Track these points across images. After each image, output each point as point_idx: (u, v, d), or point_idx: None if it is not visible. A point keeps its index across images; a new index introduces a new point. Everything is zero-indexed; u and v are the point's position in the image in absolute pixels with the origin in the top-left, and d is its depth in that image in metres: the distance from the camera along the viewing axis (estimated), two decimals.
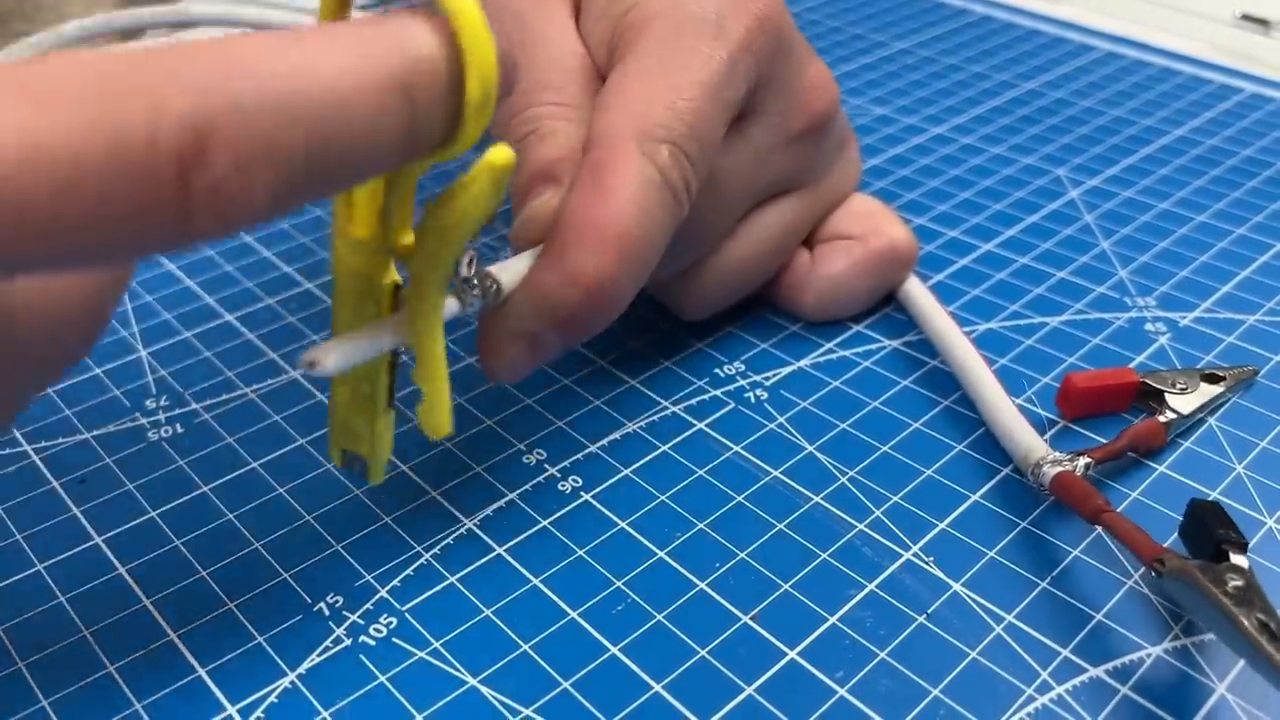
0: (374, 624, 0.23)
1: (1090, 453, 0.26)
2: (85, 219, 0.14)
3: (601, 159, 0.25)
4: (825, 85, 0.30)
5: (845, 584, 0.24)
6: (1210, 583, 0.20)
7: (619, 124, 0.25)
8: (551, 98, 0.27)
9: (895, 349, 0.31)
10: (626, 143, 0.25)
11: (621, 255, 0.24)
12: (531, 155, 0.26)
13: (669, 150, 0.25)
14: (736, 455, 0.28)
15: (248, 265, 0.35)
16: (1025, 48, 0.50)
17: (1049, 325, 0.32)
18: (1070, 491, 0.24)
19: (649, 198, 0.24)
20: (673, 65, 0.26)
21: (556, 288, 0.24)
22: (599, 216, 0.24)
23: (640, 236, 0.24)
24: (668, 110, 0.25)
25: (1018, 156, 0.41)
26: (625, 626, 0.23)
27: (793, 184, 0.31)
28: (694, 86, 0.26)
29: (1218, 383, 0.29)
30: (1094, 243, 0.36)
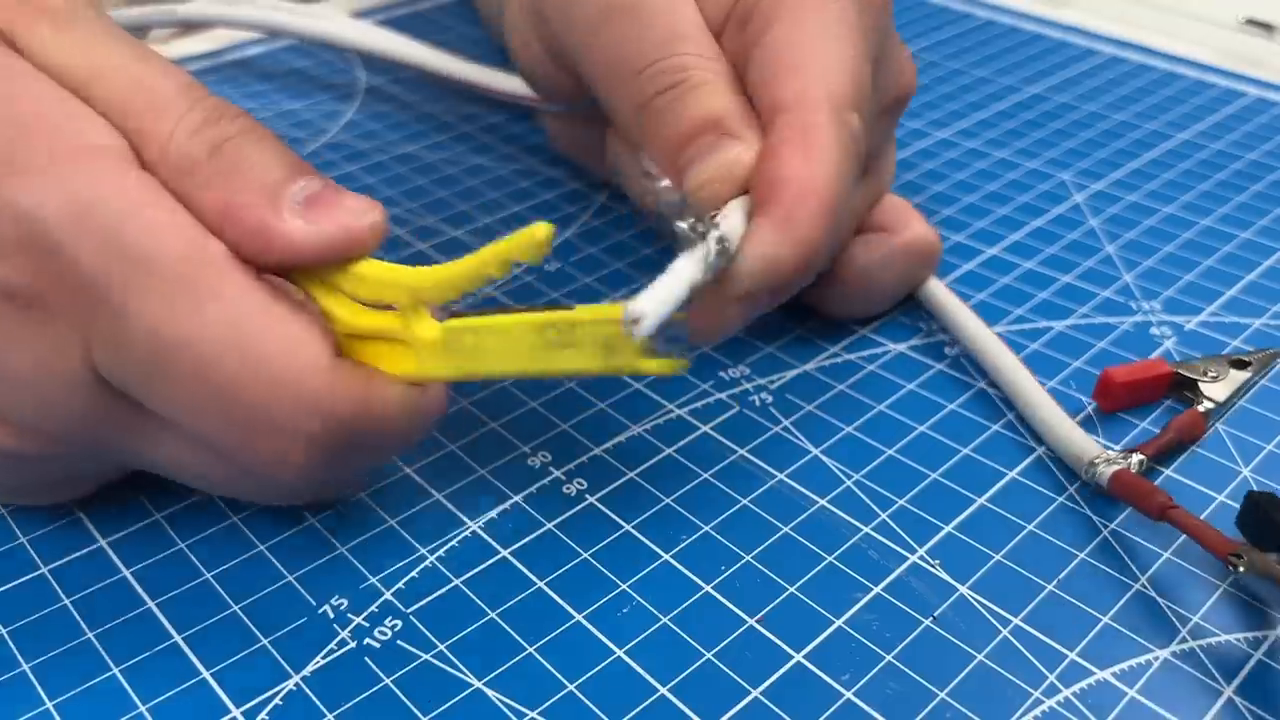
0: (379, 627, 0.23)
1: (1142, 449, 0.26)
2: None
3: (805, 123, 0.25)
4: (910, 66, 0.31)
5: (851, 587, 0.24)
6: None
7: (809, 87, 0.25)
8: (691, 48, 0.27)
9: (901, 353, 0.31)
10: (824, 106, 0.25)
11: (833, 219, 0.24)
12: (689, 105, 0.26)
13: (858, 119, 0.25)
14: (741, 459, 0.28)
15: None
16: (1029, 52, 0.50)
17: (1054, 329, 0.32)
18: (1132, 490, 0.24)
19: (849, 164, 0.25)
20: (838, 28, 0.26)
21: (785, 251, 0.24)
22: (816, 180, 0.24)
23: (844, 200, 0.25)
24: (851, 77, 0.26)
25: (1022, 161, 0.41)
26: (630, 629, 0.23)
27: (869, 162, 0.30)
28: (858, 57, 0.26)
29: (1245, 368, 0.29)
30: (1099, 247, 0.36)
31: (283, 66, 0.48)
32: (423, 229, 0.37)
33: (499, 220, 0.37)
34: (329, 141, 0.42)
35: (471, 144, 0.42)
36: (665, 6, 0.27)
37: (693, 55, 0.26)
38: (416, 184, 0.40)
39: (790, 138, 0.25)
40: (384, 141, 0.42)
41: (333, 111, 0.45)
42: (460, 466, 0.27)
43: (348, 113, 0.45)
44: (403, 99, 0.46)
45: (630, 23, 0.27)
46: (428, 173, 0.40)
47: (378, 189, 0.39)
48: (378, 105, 0.45)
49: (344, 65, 0.49)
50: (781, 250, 0.24)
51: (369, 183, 0.40)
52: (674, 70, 0.26)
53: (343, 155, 0.41)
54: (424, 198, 0.39)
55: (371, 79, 0.47)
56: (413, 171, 0.40)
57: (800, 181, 0.24)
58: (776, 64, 0.26)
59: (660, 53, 0.26)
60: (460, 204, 0.38)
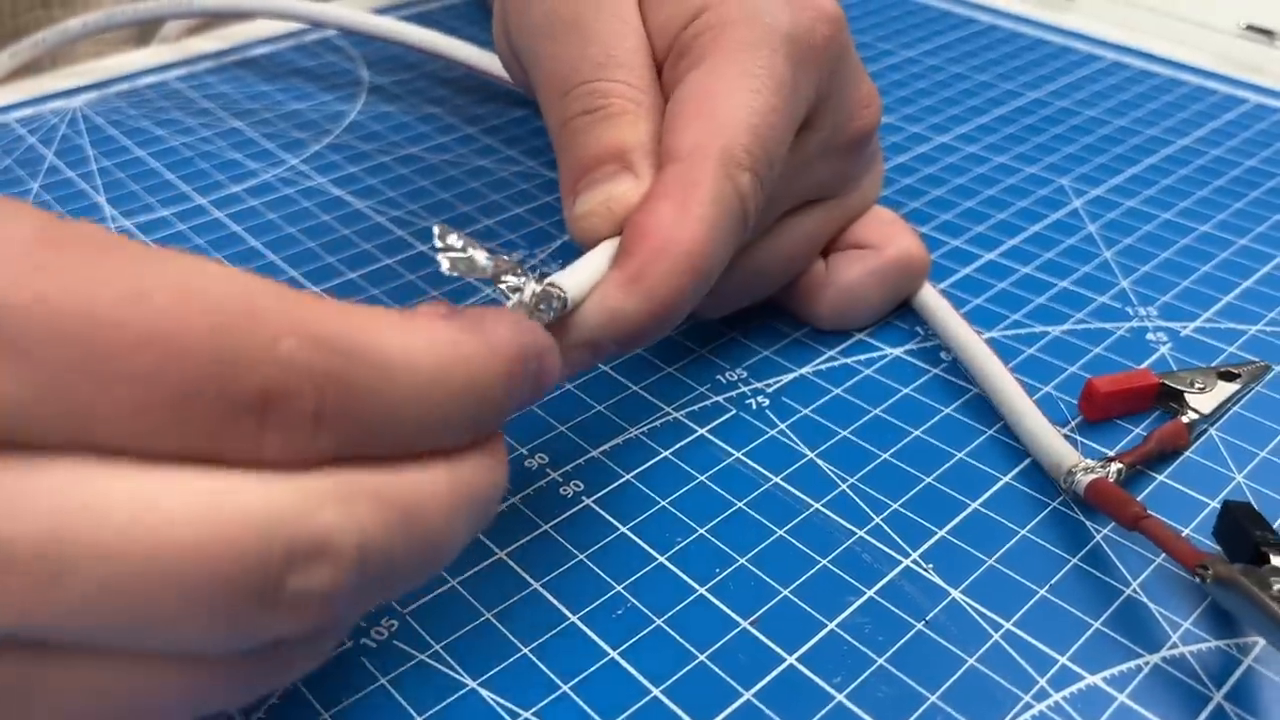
0: (375, 626, 0.23)
1: (1121, 458, 0.26)
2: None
3: (688, 177, 0.24)
4: (872, 102, 0.30)
5: (844, 590, 0.24)
6: (1256, 587, 0.21)
7: (704, 140, 0.25)
8: (622, 75, 0.26)
9: (897, 357, 0.31)
10: (712, 162, 0.24)
11: (696, 279, 0.24)
12: (600, 132, 0.26)
13: (750, 177, 0.25)
14: (737, 461, 0.28)
15: (255, 270, 0.35)
16: (1031, 57, 0.50)
17: (1050, 335, 0.32)
18: (1107, 499, 0.24)
19: (728, 222, 0.24)
20: (755, 81, 0.26)
21: (630, 306, 0.23)
22: (682, 239, 0.23)
23: (714, 259, 0.24)
24: (751, 133, 0.25)
25: (1022, 166, 0.41)
26: (625, 631, 0.23)
27: (825, 193, 0.31)
28: (774, 111, 0.26)
29: (1233, 380, 0.29)
30: (1096, 252, 0.36)
31: (288, 66, 0.49)
32: (424, 231, 0.37)
33: (499, 222, 0.38)
34: (332, 142, 0.43)
35: (474, 146, 0.42)
36: (608, 30, 0.27)
37: (620, 83, 0.26)
38: (418, 185, 0.40)
39: (668, 191, 0.24)
40: (387, 143, 0.43)
41: (336, 112, 0.45)
42: None
43: (351, 113, 0.45)
44: (406, 100, 0.46)
45: (571, 40, 0.27)
46: (429, 174, 0.40)
47: (379, 189, 0.39)
48: (381, 106, 0.45)
49: (348, 65, 0.49)
50: (627, 305, 0.23)
51: (371, 183, 0.40)
52: (598, 94, 0.26)
53: (345, 156, 0.42)
54: (426, 199, 0.39)
55: (375, 79, 0.48)
56: (415, 173, 0.41)
57: (663, 238, 0.23)
58: (683, 110, 0.26)
59: (590, 75, 0.26)
60: (462, 205, 0.39)
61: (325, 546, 0.15)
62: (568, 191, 0.26)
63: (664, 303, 0.23)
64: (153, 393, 0.14)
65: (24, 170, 0.40)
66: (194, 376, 0.14)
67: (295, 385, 0.15)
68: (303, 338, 0.15)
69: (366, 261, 0.35)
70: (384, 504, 0.16)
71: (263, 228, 0.37)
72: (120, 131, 0.43)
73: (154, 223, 0.37)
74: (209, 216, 0.38)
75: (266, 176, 0.40)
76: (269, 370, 0.15)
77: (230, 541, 0.14)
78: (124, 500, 0.14)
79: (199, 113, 0.45)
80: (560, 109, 0.27)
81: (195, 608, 0.14)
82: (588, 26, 0.27)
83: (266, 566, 0.15)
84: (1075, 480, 0.25)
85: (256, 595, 0.15)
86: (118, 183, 0.40)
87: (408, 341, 0.17)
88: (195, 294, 0.15)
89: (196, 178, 0.40)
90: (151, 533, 0.14)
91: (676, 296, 0.24)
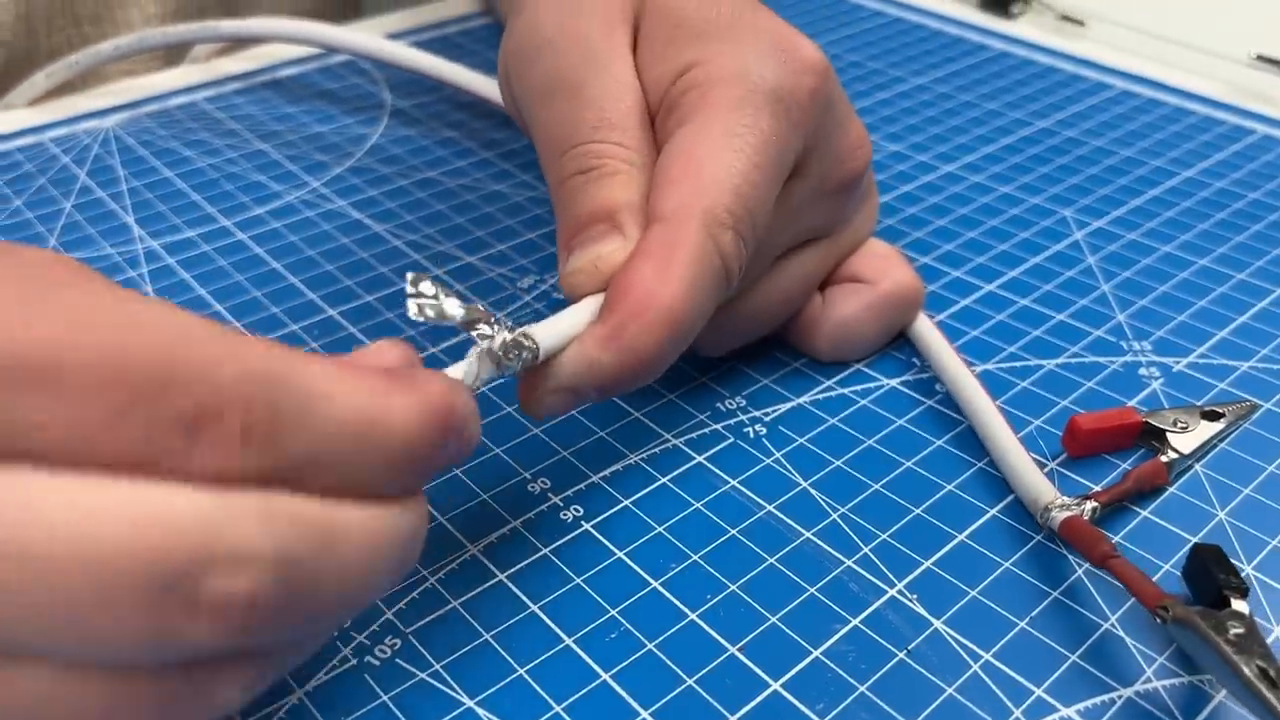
0: (379, 645, 0.25)
1: (1097, 496, 0.27)
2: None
3: (670, 238, 0.25)
4: (862, 145, 0.31)
5: (830, 618, 0.25)
6: (1212, 630, 0.21)
7: (687, 201, 0.26)
8: (616, 137, 0.27)
9: (893, 388, 0.32)
10: (694, 223, 0.25)
11: (674, 335, 0.25)
12: (593, 193, 0.27)
13: (732, 236, 0.26)
14: (733, 489, 0.29)
15: (274, 291, 0.36)
16: (1040, 84, 0.50)
17: (1045, 368, 0.33)
18: (1079, 536, 0.25)
19: (708, 281, 0.26)
20: (738, 140, 0.27)
21: (607, 359, 0.25)
22: (661, 298, 0.25)
23: (693, 318, 0.25)
24: (733, 194, 0.26)
25: (1026, 196, 0.42)
26: (617, 654, 0.24)
27: (818, 234, 0.32)
28: (757, 169, 0.27)
29: (1217, 419, 0.30)
30: (1095, 285, 0.37)
31: (314, 88, 0.50)
32: (440, 254, 0.38)
33: (512, 247, 0.39)
34: (353, 165, 0.44)
35: (491, 170, 0.44)
36: (603, 91, 0.28)
37: (614, 145, 0.27)
38: (435, 209, 0.41)
39: (651, 250, 0.25)
40: (406, 166, 0.44)
41: (359, 135, 0.46)
42: (464, 491, 0.29)
43: (373, 137, 0.46)
44: (426, 123, 0.47)
45: (568, 101, 0.28)
46: (446, 198, 0.42)
47: (397, 213, 0.41)
48: (402, 129, 0.47)
49: (372, 88, 0.50)
50: (604, 358, 0.24)
51: (389, 207, 0.41)
52: (593, 156, 0.27)
53: (365, 179, 0.43)
54: (441, 223, 0.40)
55: (397, 102, 0.49)
56: (432, 197, 0.42)
57: (643, 296, 0.25)
58: (668, 171, 0.27)
59: (586, 136, 0.27)
60: (476, 230, 0.40)
61: (245, 554, 0.16)
62: (562, 248, 0.27)
63: (641, 357, 0.25)
64: (91, 408, 0.16)
65: (57, 190, 0.42)
66: (130, 395, 0.16)
67: (224, 406, 0.16)
68: (234, 366, 0.17)
69: (383, 285, 0.37)
70: (305, 526, 0.17)
71: (284, 250, 0.39)
72: (150, 152, 0.45)
73: (180, 243, 0.39)
74: (233, 238, 0.39)
75: (289, 199, 0.42)
76: (201, 391, 0.16)
77: (152, 542, 0.16)
78: (55, 502, 0.15)
79: (226, 134, 0.46)
80: (558, 169, 0.28)
81: (116, 604, 0.15)
82: (583, 89, 0.28)
83: (185, 567, 0.16)
84: (1051, 516, 0.26)
85: (175, 595, 0.16)
86: (146, 203, 0.41)
87: (335, 384, 0.18)
88: (137, 324, 0.16)
89: (221, 199, 0.42)
90: (77, 530, 0.15)
91: (654, 351, 0.25)
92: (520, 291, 0.36)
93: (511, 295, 0.36)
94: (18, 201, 0.41)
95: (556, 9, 0.30)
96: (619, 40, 0.29)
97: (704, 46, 0.28)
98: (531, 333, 0.24)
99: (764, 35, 0.29)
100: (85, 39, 0.53)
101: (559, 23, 0.29)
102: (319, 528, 0.18)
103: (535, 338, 0.24)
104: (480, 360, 0.23)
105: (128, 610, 0.16)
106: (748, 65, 0.28)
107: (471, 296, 0.23)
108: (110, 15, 0.53)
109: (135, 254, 0.38)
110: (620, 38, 0.29)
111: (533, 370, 0.25)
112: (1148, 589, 0.23)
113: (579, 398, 0.25)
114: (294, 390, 0.17)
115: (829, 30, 0.56)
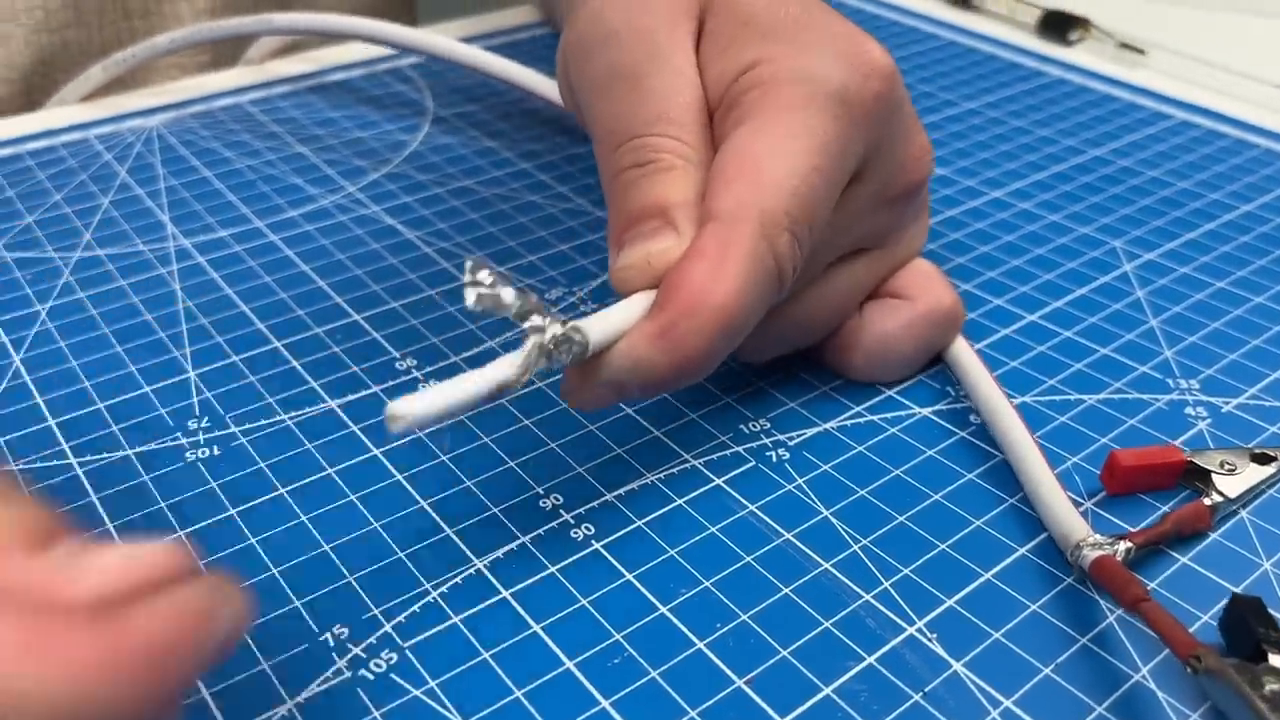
0: (375, 659, 0.24)
1: (1132, 536, 0.25)
2: None
3: (725, 237, 0.25)
4: (925, 156, 0.30)
5: (844, 655, 0.24)
6: (1246, 684, 0.20)
7: (744, 201, 0.25)
8: (674, 132, 0.27)
9: (925, 417, 0.31)
10: (750, 223, 0.25)
11: (724, 336, 0.24)
12: (648, 187, 0.26)
13: (788, 239, 0.25)
14: (751, 514, 0.28)
15: (301, 294, 0.36)
16: (1096, 112, 0.49)
17: (1086, 403, 0.32)
18: (1109, 577, 0.24)
19: (762, 283, 0.25)
20: (798, 142, 0.26)
21: (656, 356, 0.24)
22: (713, 298, 0.24)
23: (745, 319, 0.25)
24: (792, 195, 0.25)
25: (1075, 225, 0.40)
26: (619, 680, 0.23)
27: (872, 243, 0.31)
28: (816, 171, 0.26)
29: (1268, 463, 0.28)
30: (1143, 320, 0.35)
31: (359, 94, 0.50)
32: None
33: (542, 259, 0.38)
34: (390, 171, 0.44)
35: (527, 181, 0.43)
36: (664, 85, 0.27)
37: (671, 139, 0.27)
38: (468, 218, 0.41)
39: (705, 249, 0.25)
40: (442, 174, 0.44)
41: (398, 142, 0.46)
42: (473, 503, 0.28)
43: (412, 144, 0.46)
44: (466, 132, 0.47)
45: (627, 93, 0.28)
46: (480, 207, 0.41)
47: (429, 220, 0.40)
48: (442, 137, 0.46)
49: (415, 95, 0.50)
50: (652, 355, 0.24)
51: (422, 214, 0.41)
52: (648, 150, 0.27)
53: (401, 186, 0.43)
54: (474, 232, 0.40)
55: (439, 110, 0.49)
56: (466, 205, 0.41)
57: (695, 295, 0.24)
58: (725, 169, 0.26)
59: (642, 130, 0.27)
60: (507, 240, 0.39)
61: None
62: (613, 243, 0.27)
63: (689, 357, 0.24)
64: None
65: (97, 186, 0.42)
66: None
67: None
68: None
69: (409, 291, 0.36)
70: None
71: (313, 253, 0.38)
72: (191, 151, 0.45)
73: (212, 243, 0.39)
74: (264, 239, 0.39)
75: (324, 203, 0.41)
76: None
77: None
78: None
79: (267, 136, 0.46)
80: (613, 162, 0.27)
81: None
82: (643, 81, 0.28)
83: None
84: (1081, 555, 0.25)
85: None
86: (182, 202, 0.41)
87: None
88: None
89: (257, 200, 0.41)
90: None
91: (702, 352, 0.24)
92: (548, 303, 0.36)
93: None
94: (57, 196, 0.41)
95: (623, 2, 0.29)
96: (682, 35, 0.29)
97: (769, 45, 0.28)
98: (581, 327, 0.24)
99: (831, 37, 0.28)
100: (135, 33, 0.54)
101: (624, 16, 0.29)
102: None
103: (585, 332, 0.24)
104: (532, 352, 0.23)
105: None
106: (813, 66, 0.27)
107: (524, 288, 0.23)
108: (159, 9, 0.54)
109: (166, 251, 0.38)
110: (684, 33, 0.29)
111: (579, 366, 0.24)
112: (1180, 637, 0.21)
113: (623, 393, 0.25)
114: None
115: None
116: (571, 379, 0.25)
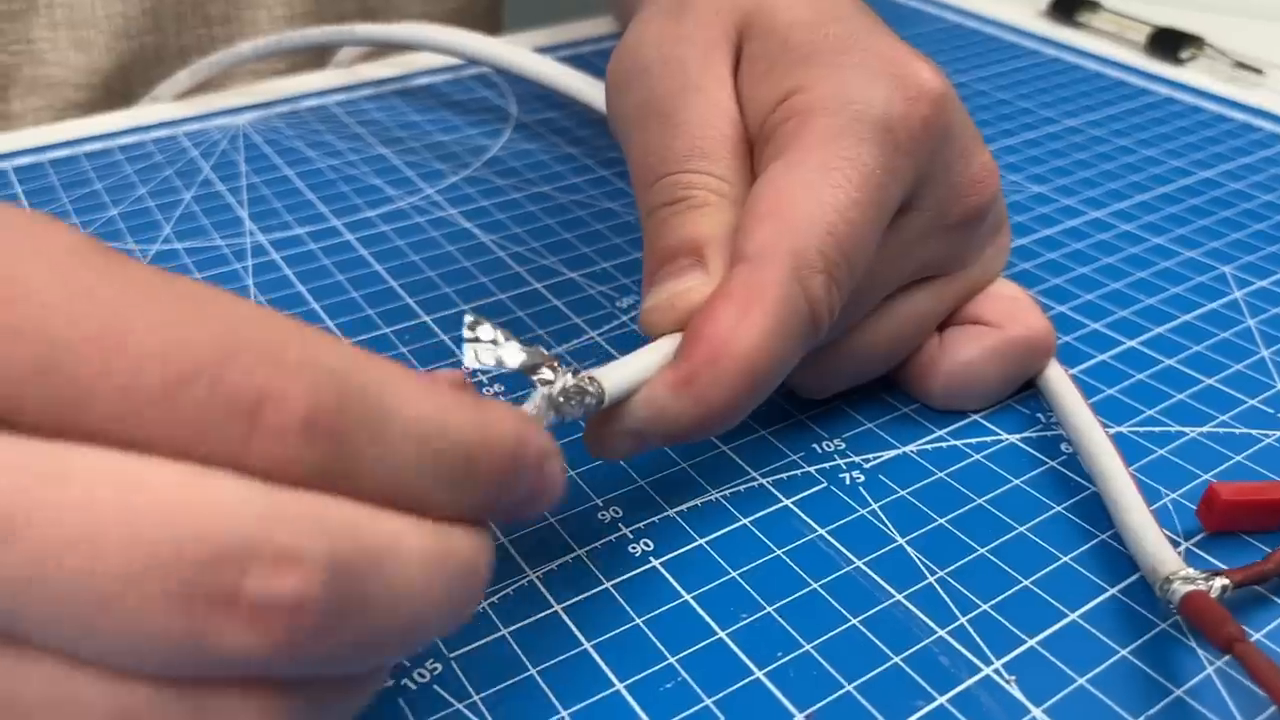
0: (419, 668, 0.23)
1: (1230, 573, 0.23)
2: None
3: (753, 280, 0.23)
4: (987, 178, 0.28)
5: (914, 693, 0.23)
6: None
7: (774, 241, 0.24)
8: (707, 167, 0.26)
9: (1012, 443, 0.29)
10: (781, 265, 0.23)
11: (750, 386, 0.23)
12: (678, 225, 0.25)
13: (823, 280, 0.24)
14: (820, 539, 0.26)
15: (372, 293, 0.36)
16: (1207, 133, 0.46)
17: (1187, 436, 0.29)
18: (1201, 614, 0.22)
19: (793, 328, 0.23)
20: (836, 175, 0.24)
21: (678, 407, 0.23)
22: (738, 346, 0.23)
23: (775, 369, 0.23)
24: (827, 233, 0.24)
25: (1180, 249, 0.38)
26: (670, 706, 0.22)
27: (935, 271, 0.29)
28: (855, 206, 0.24)
29: None
30: (1254, 350, 0.33)
31: (443, 98, 0.50)
32: (541, 268, 0.37)
33: (616, 266, 0.37)
34: (469, 175, 0.43)
35: (606, 188, 0.42)
36: (698, 119, 0.26)
37: (704, 175, 0.26)
38: (544, 223, 0.40)
39: (732, 292, 0.23)
40: (521, 179, 0.43)
41: (479, 146, 0.46)
42: None
43: (493, 148, 0.45)
44: (548, 139, 0.46)
45: (661, 129, 0.27)
46: (556, 213, 0.41)
47: (505, 225, 0.40)
48: (523, 143, 0.46)
49: (499, 101, 0.50)
50: (674, 406, 0.23)
51: (499, 218, 0.40)
52: (682, 186, 0.26)
53: (479, 190, 0.42)
54: (548, 237, 0.39)
55: (522, 116, 0.48)
56: (543, 211, 0.41)
57: (719, 343, 0.22)
58: (756, 207, 0.24)
59: (676, 166, 0.26)
60: (582, 246, 0.38)
61: (294, 554, 0.14)
62: (646, 283, 0.26)
63: (712, 409, 0.23)
64: (147, 378, 0.14)
65: (180, 180, 0.42)
66: (190, 367, 0.14)
67: (288, 392, 0.15)
68: (302, 352, 0.15)
69: (480, 294, 0.36)
70: (360, 536, 0.16)
71: (387, 253, 0.38)
72: (274, 150, 0.45)
73: (287, 240, 0.39)
74: (339, 238, 0.39)
75: (401, 204, 0.41)
76: (264, 373, 0.15)
77: (196, 530, 0.14)
78: (95, 477, 0.14)
79: (350, 137, 0.46)
80: (647, 199, 0.26)
81: (149, 592, 0.14)
82: (676, 115, 0.27)
83: (230, 560, 0.14)
84: (1171, 589, 0.23)
85: (214, 590, 0.14)
86: (262, 199, 0.41)
87: (406, 386, 0.16)
88: (201, 301, 0.15)
89: (335, 200, 0.41)
90: (116, 508, 0.14)
91: (726, 403, 0.23)
92: (618, 310, 0.35)
93: (609, 314, 0.35)
94: (142, 189, 0.42)
95: (659, 32, 0.28)
96: (718, 63, 0.28)
97: (807, 71, 0.26)
98: (598, 376, 0.22)
99: (875, 59, 0.26)
100: (213, 39, 0.54)
101: (658, 47, 0.28)
102: (376, 541, 0.16)
103: (601, 381, 0.22)
104: (541, 405, 0.21)
105: (160, 600, 0.14)
106: (852, 91, 0.25)
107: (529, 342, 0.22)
108: (238, 15, 0.55)
109: (243, 247, 0.38)
110: (720, 61, 0.28)
111: (599, 415, 0.23)
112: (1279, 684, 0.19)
113: (645, 443, 0.24)
114: (363, 386, 0.16)
115: (978, 67, 0.53)
116: (592, 428, 0.24)
